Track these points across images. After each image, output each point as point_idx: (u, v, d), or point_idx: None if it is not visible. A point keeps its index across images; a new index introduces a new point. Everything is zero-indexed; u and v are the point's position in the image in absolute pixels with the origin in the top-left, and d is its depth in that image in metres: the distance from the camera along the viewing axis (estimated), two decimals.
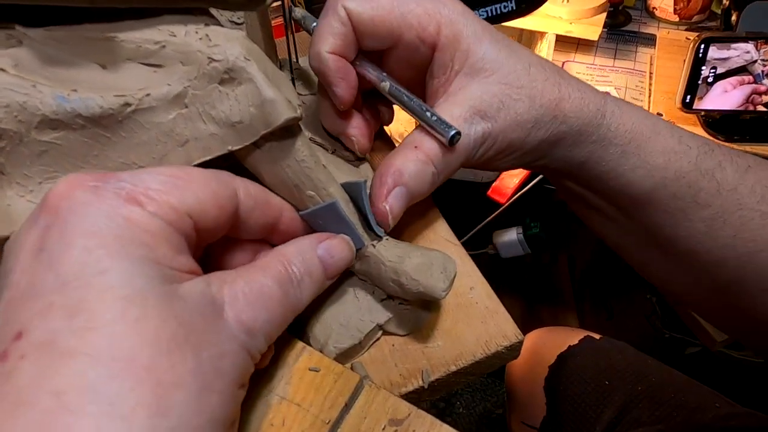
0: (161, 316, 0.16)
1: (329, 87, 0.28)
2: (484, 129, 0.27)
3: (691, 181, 0.29)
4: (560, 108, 0.28)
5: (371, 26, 0.26)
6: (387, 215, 0.26)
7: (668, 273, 0.33)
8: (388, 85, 0.27)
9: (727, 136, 0.75)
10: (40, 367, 0.14)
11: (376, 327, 0.27)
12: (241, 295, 0.19)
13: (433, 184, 0.27)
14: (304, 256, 0.22)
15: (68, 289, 0.15)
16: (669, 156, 0.29)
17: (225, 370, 0.17)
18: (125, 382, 0.15)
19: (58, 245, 0.16)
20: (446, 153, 0.27)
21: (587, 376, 0.52)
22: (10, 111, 0.18)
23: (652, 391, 0.48)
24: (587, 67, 0.92)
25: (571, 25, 0.87)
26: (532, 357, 0.59)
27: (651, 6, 1.01)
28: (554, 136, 0.29)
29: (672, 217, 0.30)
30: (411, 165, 0.26)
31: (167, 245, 0.18)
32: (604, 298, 1.11)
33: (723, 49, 0.69)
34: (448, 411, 1.12)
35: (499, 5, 0.56)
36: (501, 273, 1.15)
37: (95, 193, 0.17)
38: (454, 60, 0.27)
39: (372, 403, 0.23)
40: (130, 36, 0.20)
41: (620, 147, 0.29)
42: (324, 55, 0.26)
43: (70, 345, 0.15)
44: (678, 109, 0.75)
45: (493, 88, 0.27)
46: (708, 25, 0.99)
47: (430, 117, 0.26)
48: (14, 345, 0.15)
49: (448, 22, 0.27)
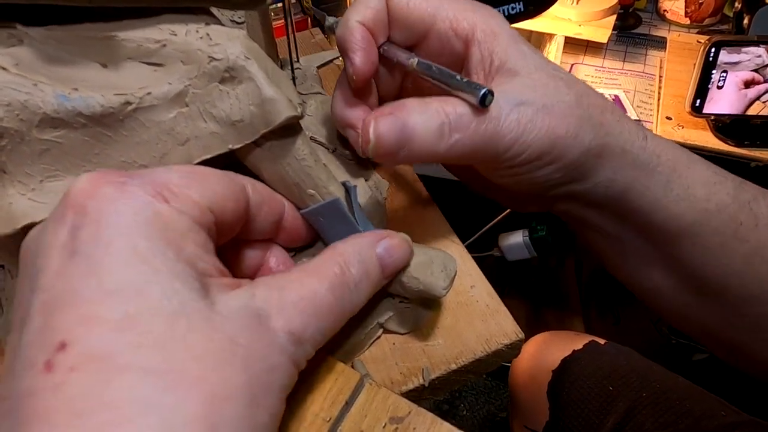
0: (206, 332, 0.16)
1: (347, 55, 0.26)
2: (528, 113, 0.24)
3: (731, 214, 0.27)
4: (605, 117, 0.26)
5: (406, 9, 0.26)
6: (368, 132, 0.23)
7: (690, 307, 0.31)
8: (416, 60, 0.26)
9: (737, 141, 0.74)
10: (93, 381, 0.14)
11: (377, 325, 0.27)
12: (291, 305, 0.18)
13: (442, 138, 0.24)
14: (363, 255, 0.22)
15: (113, 301, 0.15)
16: (709, 187, 0.27)
17: (273, 384, 0.17)
18: (179, 396, 0.15)
19: (93, 248, 0.16)
20: (468, 113, 0.24)
21: (591, 381, 0.51)
22: (12, 109, 0.18)
23: (656, 397, 0.48)
24: (596, 70, 0.91)
25: (580, 27, 0.87)
26: (536, 361, 0.59)
27: (662, 9, 1.00)
28: (599, 147, 0.26)
29: (710, 252, 0.28)
30: (416, 103, 0.24)
31: (196, 245, 0.17)
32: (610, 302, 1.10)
33: (734, 52, 0.69)
34: (452, 413, 1.11)
35: (507, 6, 0.56)
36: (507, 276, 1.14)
37: (121, 189, 0.17)
38: (494, 56, 0.26)
39: (372, 401, 0.23)
40: (131, 35, 0.20)
41: (664, 176, 0.27)
42: (352, 22, 0.26)
43: (123, 360, 0.15)
44: (687, 113, 0.74)
45: (540, 80, 0.25)
46: (720, 28, 0.98)
47: (460, 80, 0.24)
48: (60, 355, 0.14)
49: (485, 19, 0.26)
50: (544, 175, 0.26)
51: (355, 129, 0.28)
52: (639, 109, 0.83)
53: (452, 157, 0.24)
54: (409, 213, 0.34)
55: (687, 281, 0.30)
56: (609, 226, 0.30)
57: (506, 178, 0.27)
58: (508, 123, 0.24)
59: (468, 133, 0.24)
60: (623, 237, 0.30)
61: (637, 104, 0.84)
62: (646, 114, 0.82)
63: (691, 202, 0.27)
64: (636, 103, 0.84)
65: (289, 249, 0.27)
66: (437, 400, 1.12)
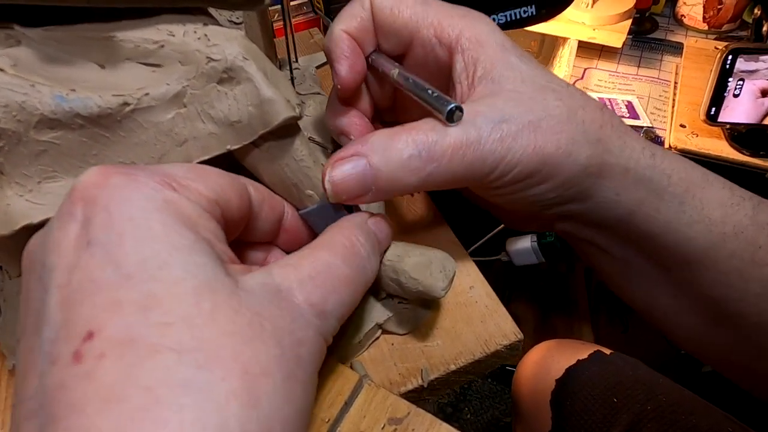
0: (233, 307, 0.16)
1: (332, 64, 0.26)
2: (512, 130, 0.22)
3: (749, 238, 0.25)
4: (604, 132, 0.24)
5: (390, 17, 0.26)
6: (324, 181, 0.22)
7: (701, 332, 0.29)
8: (396, 71, 0.25)
9: (752, 151, 0.72)
10: (124, 365, 0.14)
11: (376, 326, 0.28)
12: (308, 278, 0.18)
13: (414, 171, 0.22)
14: (364, 229, 0.22)
15: (133, 283, 0.15)
16: (726, 209, 0.26)
17: (305, 357, 0.17)
18: (214, 373, 0.14)
19: (107, 236, 0.15)
20: (442, 140, 0.22)
21: (595, 392, 0.51)
22: (9, 111, 0.18)
23: (662, 411, 0.47)
24: (609, 75, 0.90)
25: (594, 31, 0.86)
26: (540, 369, 0.58)
27: (679, 13, 0.99)
28: (598, 166, 0.24)
29: (726, 277, 0.26)
30: (382, 136, 0.22)
31: (209, 231, 0.17)
32: (620, 311, 1.09)
33: (751, 60, 0.67)
34: (456, 417, 1.11)
35: (519, 10, 0.55)
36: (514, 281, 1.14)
37: (130, 178, 0.16)
38: (477, 65, 0.24)
39: (371, 402, 0.23)
40: (129, 35, 0.20)
41: (676, 197, 0.25)
42: (336, 31, 0.26)
43: (152, 341, 0.14)
44: (702, 121, 0.73)
45: (526, 93, 0.23)
46: (738, 34, 0.96)
47: (430, 94, 0.23)
48: (87, 345, 0.14)
49: (471, 26, 0.25)
50: (537, 194, 0.25)
51: (347, 136, 0.28)
52: (652, 116, 0.82)
53: (430, 186, 0.23)
54: (408, 213, 0.34)
55: (699, 306, 0.28)
56: (614, 248, 0.28)
57: (498, 198, 0.26)
58: (490, 144, 0.22)
59: (444, 161, 0.22)
60: (630, 260, 0.28)
61: (651, 111, 0.83)
62: (660, 121, 0.81)
63: (706, 224, 0.25)
64: (650, 109, 0.83)
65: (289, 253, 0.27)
66: (441, 403, 1.12)
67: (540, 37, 0.90)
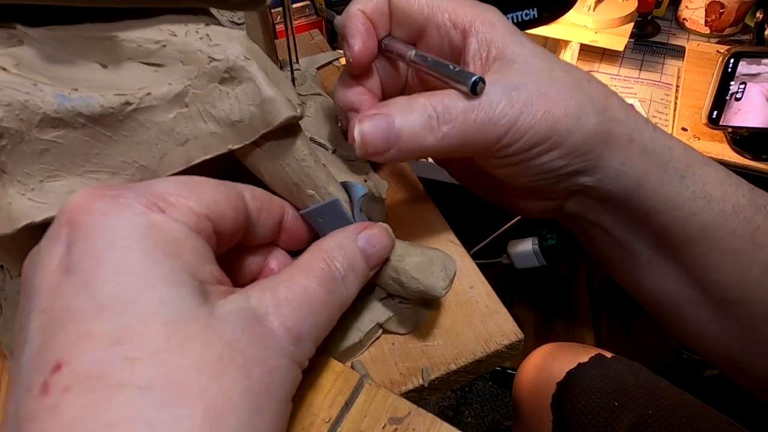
0: (205, 339, 0.16)
1: (346, 40, 0.27)
2: (522, 97, 0.24)
3: (748, 217, 0.26)
4: (609, 102, 0.25)
5: (404, 2, 0.27)
6: (353, 132, 0.24)
7: (704, 322, 0.29)
8: (413, 52, 0.26)
9: (754, 155, 0.72)
10: (88, 401, 0.14)
11: (376, 326, 0.28)
12: (285, 302, 0.18)
13: (431, 131, 0.24)
14: (346, 250, 0.22)
15: (107, 314, 0.15)
16: (725, 188, 0.26)
17: (276, 386, 0.17)
18: (177, 412, 0.14)
19: (86, 264, 0.15)
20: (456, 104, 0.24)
21: (596, 396, 0.50)
22: (12, 109, 0.19)
23: (663, 415, 0.47)
24: (611, 78, 0.90)
25: (596, 34, 0.86)
26: (541, 372, 0.58)
27: (681, 17, 0.99)
28: (604, 132, 0.25)
29: (727, 259, 0.27)
30: (402, 100, 0.24)
31: (193, 253, 0.17)
32: (622, 314, 1.09)
33: (753, 64, 0.67)
34: (456, 420, 1.11)
35: (521, 13, 0.55)
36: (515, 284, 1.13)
37: (115, 202, 0.16)
38: (491, 45, 0.25)
39: (372, 402, 0.23)
40: (131, 35, 0.20)
41: (678, 171, 0.26)
42: (353, 9, 0.26)
43: (118, 377, 0.14)
44: (704, 124, 0.73)
45: (535, 65, 0.25)
46: (740, 38, 0.96)
47: (452, 69, 0.24)
48: (55, 377, 0.14)
49: (483, 12, 0.26)
50: (545, 162, 0.25)
51: (356, 110, 0.28)
52: (654, 119, 0.82)
53: (445, 149, 0.24)
54: (409, 213, 0.35)
55: (703, 293, 0.28)
56: (620, 231, 0.29)
57: (508, 168, 0.26)
58: (501, 108, 0.24)
59: (458, 123, 0.24)
60: (635, 246, 0.29)
61: (653, 114, 0.83)
62: (662, 124, 0.81)
63: (708, 201, 0.26)
64: (651, 113, 0.83)
65: (291, 252, 0.26)
66: (441, 406, 1.11)
67: (542, 40, 0.90)
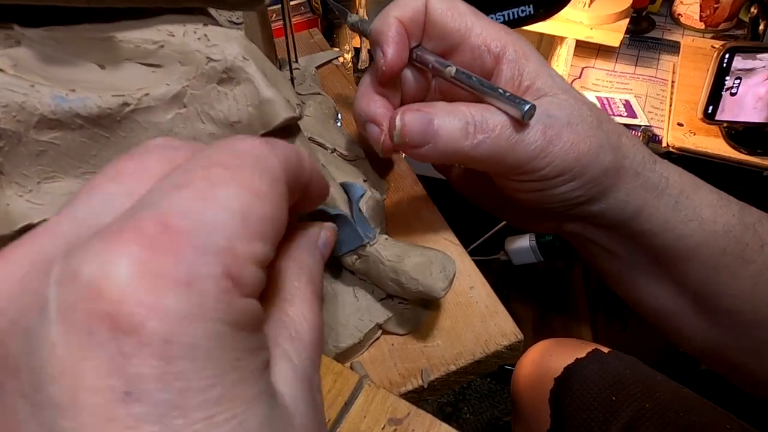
0: None
1: (381, 46, 0.27)
2: (554, 127, 0.26)
3: (737, 236, 0.28)
4: (621, 141, 0.28)
5: (443, 18, 0.27)
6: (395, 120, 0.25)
7: (699, 329, 0.31)
8: (454, 69, 0.27)
9: (749, 150, 0.72)
10: None
11: (376, 326, 0.28)
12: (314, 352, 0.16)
13: (467, 137, 0.25)
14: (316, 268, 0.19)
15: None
16: (715, 209, 0.28)
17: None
18: None
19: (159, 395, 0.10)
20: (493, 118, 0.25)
21: (594, 390, 0.51)
22: (9, 111, 0.18)
23: (660, 409, 0.47)
24: (607, 74, 0.90)
25: (591, 30, 0.86)
26: (539, 368, 0.58)
27: (676, 12, 0.99)
28: (617, 169, 0.27)
29: (718, 274, 0.29)
30: (444, 104, 0.26)
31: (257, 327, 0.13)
32: (618, 309, 1.09)
33: (748, 59, 0.67)
34: (455, 416, 1.11)
35: (517, 9, 0.55)
36: (513, 280, 1.14)
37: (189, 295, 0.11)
38: (524, 75, 0.27)
39: (371, 403, 0.23)
40: (129, 36, 0.20)
41: (673, 197, 0.28)
42: (390, 17, 0.27)
43: None
44: (699, 119, 0.73)
45: (567, 101, 0.27)
46: (735, 33, 0.96)
47: (502, 93, 0.25)
48: None
49: (516, 41, 0.27)
50: (563, 192, 0.27)
51: (377, 124, 0.29)
52: (650, 115, 0.82)
53: (476, 158, 0.25)
54: (409, 213, 0.35)
55: (697, 303, 0.30)
56: (618, 248, 0.30)
57: (526, 194, 0.28)
58: (534, 132, 0.25)
59: (493, 135, 0.25)
60: (632, 259, 0.31)
61: (648, 110, 0.83)
62: (657, 120, 0.81)
63: (699, 222, 0.28)
64: (647, 108, 0.83)
65: None
66: (440, 403, 1.12)
67: (538, 36, 0.90)
